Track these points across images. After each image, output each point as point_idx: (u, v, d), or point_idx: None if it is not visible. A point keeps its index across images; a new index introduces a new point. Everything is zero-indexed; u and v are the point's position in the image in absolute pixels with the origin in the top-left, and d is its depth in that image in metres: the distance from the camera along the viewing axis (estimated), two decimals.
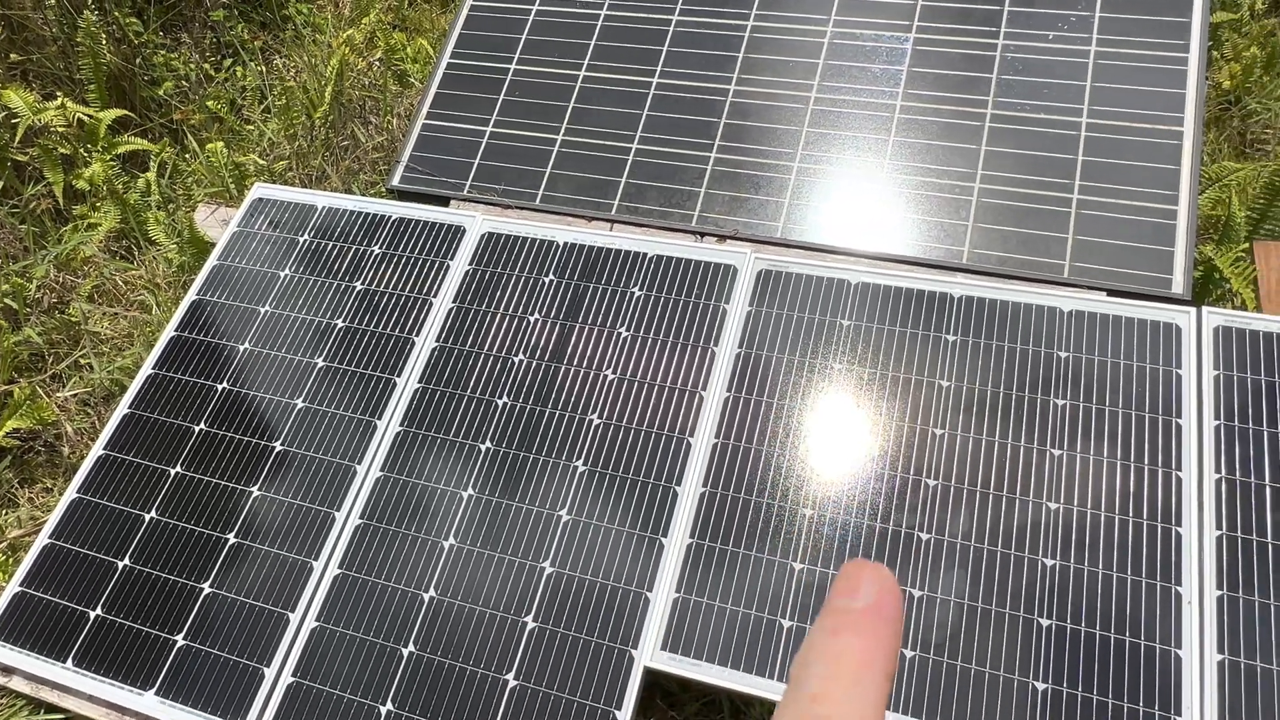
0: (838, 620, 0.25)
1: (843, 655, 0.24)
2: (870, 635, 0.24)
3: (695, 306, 1.85)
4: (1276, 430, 1.52)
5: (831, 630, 0.25)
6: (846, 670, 0.24)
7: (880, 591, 0.26)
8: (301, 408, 1.89)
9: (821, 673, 0.24)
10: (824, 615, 0.26)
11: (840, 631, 0.25)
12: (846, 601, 0.26)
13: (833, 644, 0.25)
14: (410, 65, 2.81)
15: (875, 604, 0.25)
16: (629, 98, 2.16)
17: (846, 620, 0.25)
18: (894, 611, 0.25)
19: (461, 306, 1.95)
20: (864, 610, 0.25)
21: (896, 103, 2.00)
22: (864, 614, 0.25)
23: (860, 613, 0.25)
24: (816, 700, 0.23)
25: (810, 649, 0.25)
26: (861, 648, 0.24)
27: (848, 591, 0.26)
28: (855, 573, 0.26)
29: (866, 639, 0.24)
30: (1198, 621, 1.40)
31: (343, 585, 1.68)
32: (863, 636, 0.24)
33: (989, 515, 1.54)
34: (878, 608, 0.25)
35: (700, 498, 1.65)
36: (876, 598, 0.26)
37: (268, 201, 2.21)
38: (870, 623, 0.25)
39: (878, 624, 0.25)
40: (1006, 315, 1.71)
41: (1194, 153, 1.80)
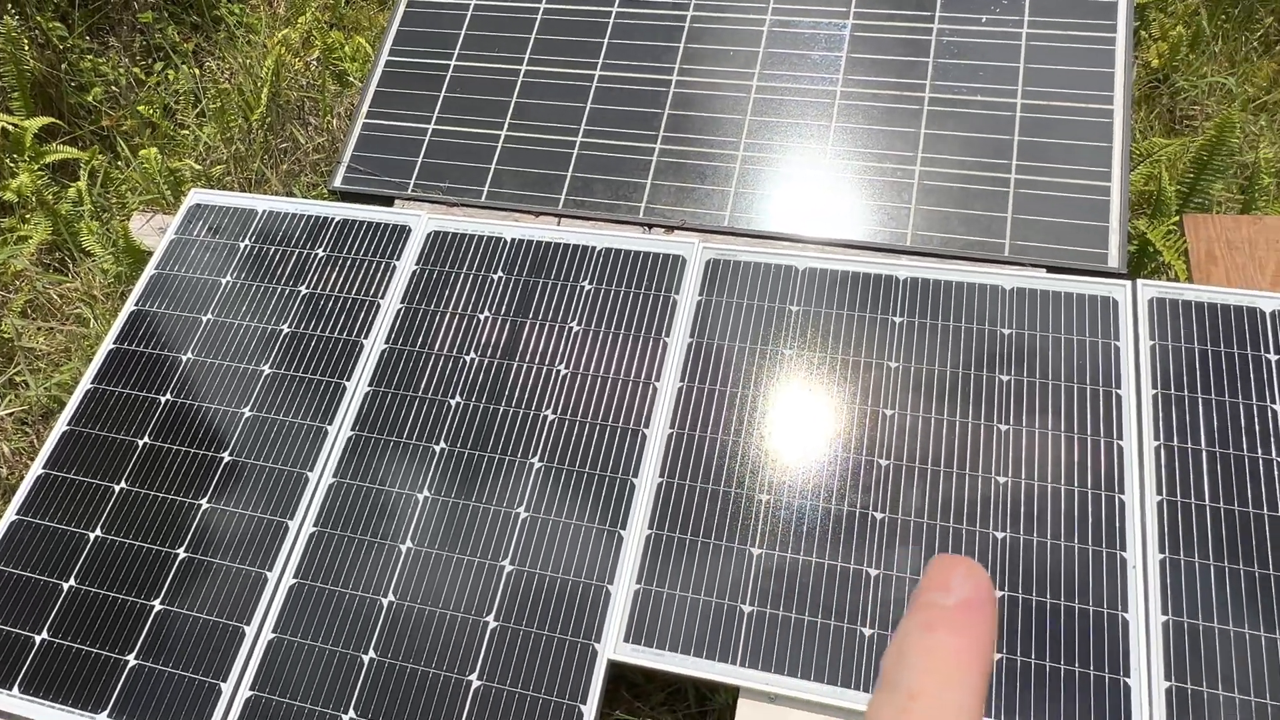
0: (931, 616, 0.25)
1: (939, 652, 0.24)
2: (967, 633, 0.24)
3: (645, 298, 1.85)
4: (1210, 396, 1.56)
5: (925, 626, 0.25)
6: (944, 668, 0.23)
7: (974, 588, 0.25)
8: (249, 416, 1.85)
9: (918, 669, 0.23)
10: (915, 610, 0.26)
11: (935, 628, 0.24)
12: (938, 597, 0.25)
13: (928, 640, 0.24)
14: (349, 64, 2.76)
15: (970, 601, 0.25)
16: (572, 91, 2.15)
17: (940, 616, 0.25)
18: (989, 609, 0.25)
19: (410, 307, 1.93)
20: (958, 607, 0.25)
21: (837, 89, 2.02)
22: (958, 611, 0.25)
23: (954, 609, 0.25)
24: (914, 698, 0.23)
25: (904, 645, 0.25)
26: (958, 645, 0.23)
27: (938, 587, 0.26)
28: (947, 568, 0.26)
29: (963, 637, 0.24)
30: (1142, 585, 1.44)
31: (299, 595, 1.65)
32: (959, 634, 0.24)
33: (940, 492, 1.57)
34: (972, 605, 0.25)
35: (657, 488, 1.65)
36: (971, 594, 0.25)
37: (206, 207, 2.16)
38: (966, 620, 0.25)
39: (974, 621, 0.25)
40: (950, 295, 1.74)
41: (1124, 130, 1.85)
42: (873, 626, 1.48)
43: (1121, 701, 1.37)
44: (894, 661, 0.24)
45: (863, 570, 1.52)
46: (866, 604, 1.50)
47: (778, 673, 1.47)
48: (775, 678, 1.46)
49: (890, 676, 0.24)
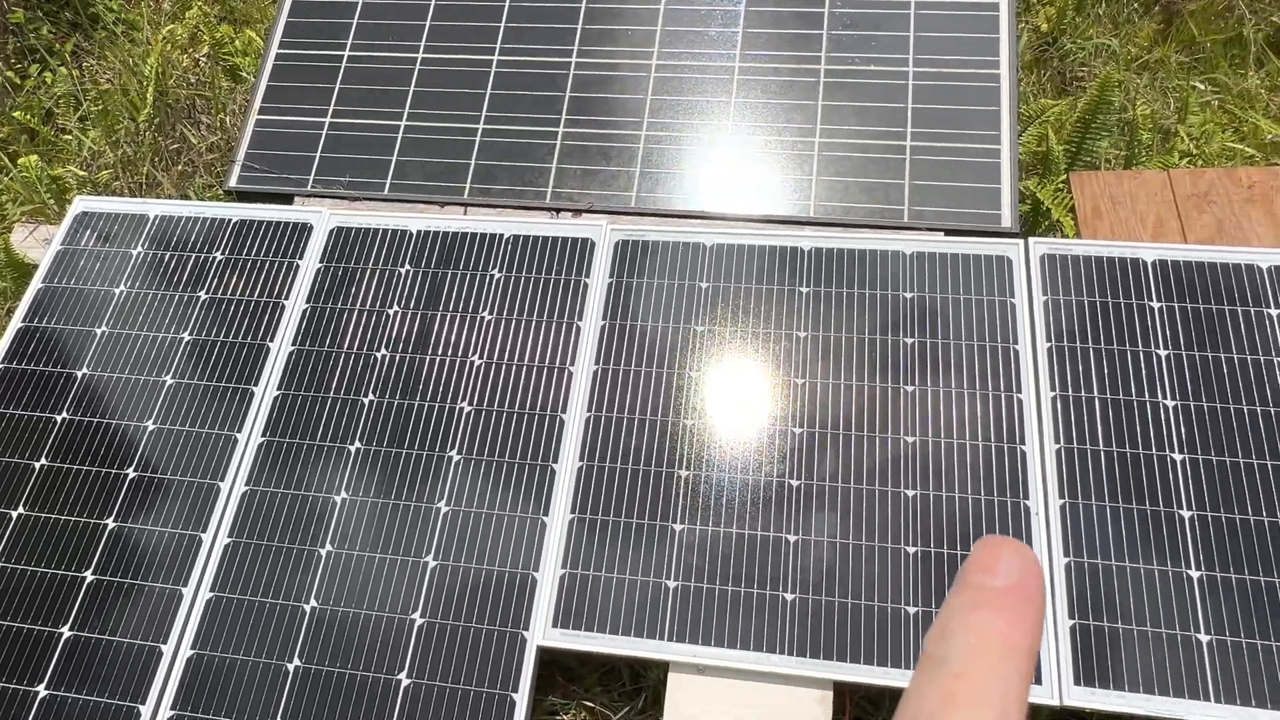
0: (977, 596, 0.24)
1: (986, 633, 0.23)
2: (1014, 614, 0.24)
3: (556, 283, 1.84)
4: (1100, 346, 1.64)
5: (971, 606, 0.24)
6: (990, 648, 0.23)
7: (1022, 570, 0.25)
8: (154, 429, 1.79)
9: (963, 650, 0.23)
10: (960, 590, 0.25)
11: (980, 608, 0.24)
12: (984, 578, 0.25)
13: (973, 620, 0.24)
14: (241, 59, 2.66)
15: (1018, 583, 0.25)
16: (471, 77, 2.12)
17: (986, 597, 0.24)
18: (1038, 592, 0.25)
19: (316, 306, 1.88)
20: (1006, 589, 0.25)
21: (735, 64, 2.03)
22: (1006, 592, 0.24)
23: (1002, 591, 0.25)
24: (959, 678, 0.23)
25: (948, 624, 0.24)
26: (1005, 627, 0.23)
27: (985, 568, 0.25)
28: (994, 548, 0.26)
29: (1010, 618, 0.23)
30: (1045, 530, 1.51)
31: (217, 608, 1.61)
32: (1005, 615, 0.24)
33: (852, 455, 1.61)
34: (1020, 587, 0.25)
35: (578, 472, 1.65)
36: (1019, 577, 0.25)
37: (93, 215, 2.07)
38: (1014, 601, 0.24)
39: (1021, 603, 0.24)
40: (854, 263, 1.77)
41: (1011, 94, 1.91)
42: (794, 591, 1.51)
43: None
44: (937, 639, 0.24)
45: (782, 538, 1.55)
46: (787, 570, 1.53)
47: (705, 644, 1.49)
48: (702, 649, 1.48)
49: (934, 652, 0.24)
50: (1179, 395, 1.57)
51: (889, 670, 1.44)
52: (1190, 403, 1.56)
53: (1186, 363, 1.60)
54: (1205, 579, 1.44)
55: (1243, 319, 1.62)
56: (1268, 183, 1.77)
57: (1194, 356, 1.60)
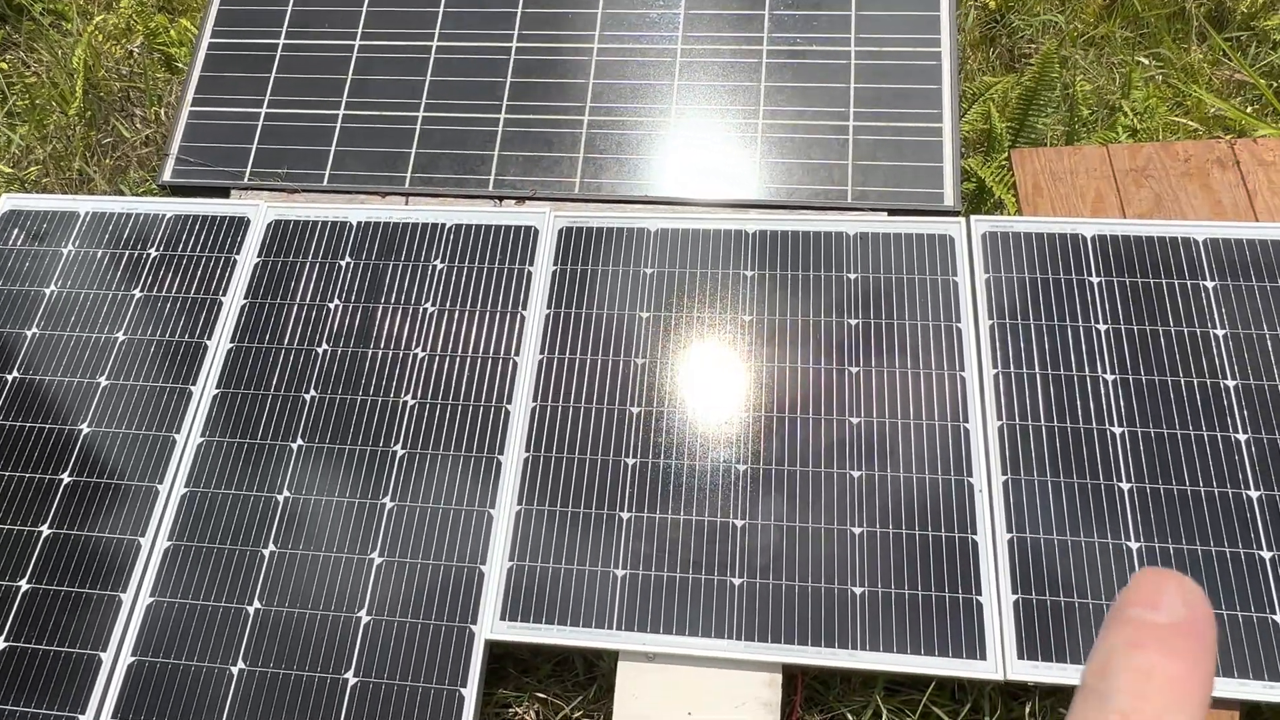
0: (1140, 634, 0.23)
1: (1156, 677, 0.22)
2: (1186, 657, 0.22)
3: (500, 272, 1.82)
4: (1041, 322, 1.64)
5: (1133, 644, 0.22)
6: (1162, 694, 0.21)
7: (1191, 609, 0.23)
8: (89, 432, 1.74)
9: (1129, 690, 0.21)
10: (1119, 624, 0.23)
11: (1144, 646, 0.22)
12: (1146, 613, 0.23)
13: (1138, 659, 0.22)
14: (176, 49, 2.59)
15: (1187, 622, 0.23)
16: (409, 64, 2.08)
17: (1150, 634, 0.23)
18: (1210, 634, 0.23)
19: (254, 302, 1.84)
20: (1172, 626, 0.23)
21: (677, 46, 2.01)
22: (1173, 631, 0.23)
23: (1168, 628, 0.23)
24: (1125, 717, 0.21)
25: (1110, 660, 0.23)
26: (1176, 671, 0.21)
27: (1147, 602, 0.24)
28: (1156, 582, 0.24)
29: (1181, 661, 0.22)
30: (988, 507, 1.52)
31: (158, 613, 1.58)
32: (1175, 658, 0.22)
33: (798, 438, 1.60)
34: (1190, 627, 0.23)
35: (524, 463, 1.64)
36: (1188, 615, 0.23)
37: (21, 213, 2.00)
38: (1184, 643, 0.22)
39: (1194, 646, 0.22)
40: (798, 245, 1.77)
41: (952, 72, 1.90)
42: (741, 576, 1.51)
43: (975, 619, 1.44)
44: (1098, 675, 0.23)
45: (729, 522, 1.55)
46: (734, 555, 1.52)
47: (654, 631, 1.48)
48: (651, 637, 1.48)
49: (1096, 689, 0.22)
50: (1118, 369, 1.59)
51: (837, 651, 1.44)
52: (1129, 376, 1.58)
53: (1125, 337, 1.61)
54: (1144, 550, 1.46)
55: (1179, 292, 1.64)
56: (1203, 156, 1.79)
57: (1132, 330, 1.61)
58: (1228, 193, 1.76)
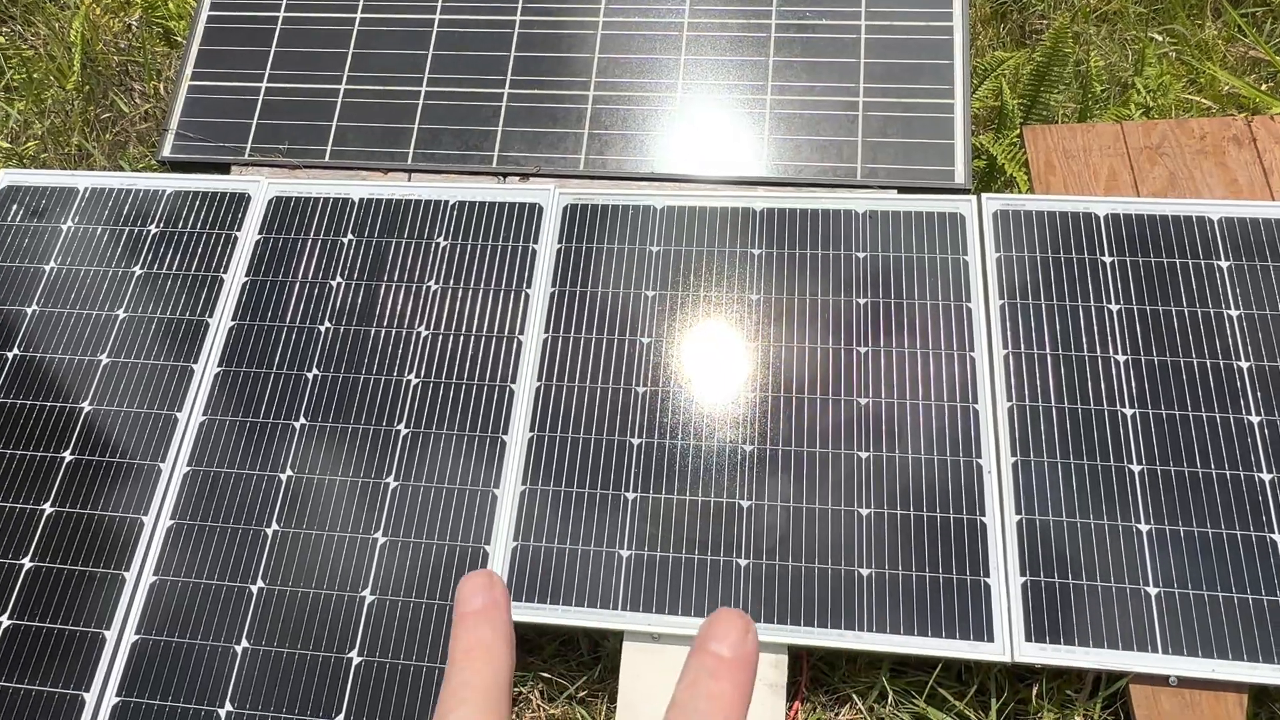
0: (717, 665, 0.30)
1: (723, 699, 0.29)
2: (742, 685, 0.30)
3: (504, 250, 1.79)
4: (1053, 302, 1.62)
5: (713, 674, 0.30)
6: (721, 710, 0.29)
7: (747, 644, 0.31)
8: (90, 411, 1.73)
9: (705, 711, 0.29)
10: (703, 655, 0.31)
11: (719, 677, 0.30)
12: (720, 648, 0.31)
13: (714, 686, 0.30)
14: (175, 22, 2.55)
15: (744, 656, 0.31)
16: (412, 38, 2.04)
17: (723, 666, 0.30)
18: (755, 665, 0.31)
19: (256, 279, 1.82)
20: (735, 661, 0.31)
21: (684, 20, 1.97)
22: (735, 665, 0.30)
23: (732, 663, 0.30)
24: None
25: (697, 684, 0.30)
26: (734, 694, 0.30)
27: (720, 638, 0.31)
28: (727, 621, 0.32)
29: (738, 689, 0.30)
30: (997, 488, 1.50)
31: (162, 591, 1.57)
32: (736, 687, 0.30)
33: (805, 419, 1.59)
34: (745, 661, 0.31)
35: (529, 443, 1.62)
36: (745, 650, 0.31)
37: (20, 189, 1.98)
38: (741, 675, 0.30)
39: (747, 674, 0.31)
40: (806, 223, 1.74)
41: (964, 47, 1.87)
42: (748, 557, 1.50)
43: (983, 601, 1.43)
44: (688, 697, 0.30)
45: (736, 503, 1.54)
46: (741, 536, 1.51)
47: (659, 612, 1.48)
48: (656, 617, 1.47)
49: (685, 704, 0.30)
50: (1130, 350, 1.57)
51: (843, 632, 1.44)
52: (1141, 357, 1.56)
53: (1138, 317, 1.59)
54: (1154, 532, 1.44)
55: (1193, 271, 1.61)
56: (1219, 133, 1.76)
57: (1145, 310, 1.59)
58: (1243, 171, 1.73)
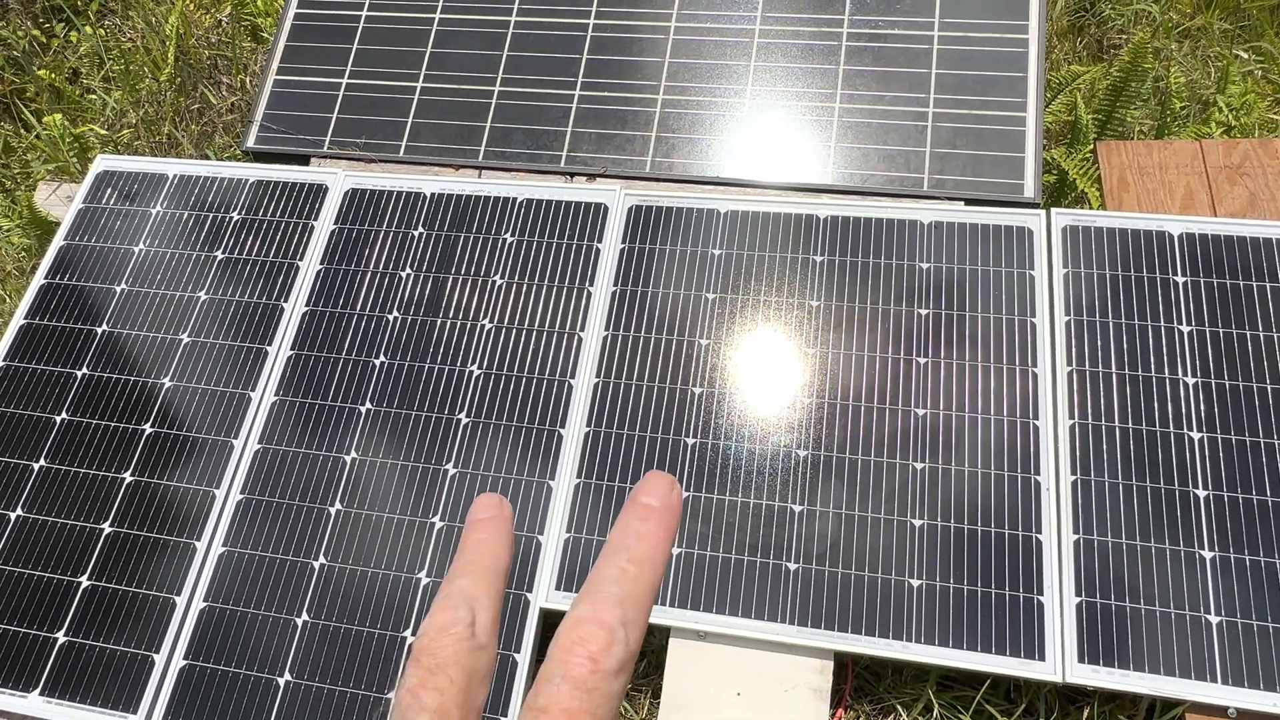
0: (647, 513, 0.35)
1: (651, 538, 0.35)
2: (668, 527, 0.35)
3: (569, 248, 1.83)
4: (1120, 321, 1.60)
5: (641, 518, 0.35)
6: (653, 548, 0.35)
7: (671, 496, 0.36)
8: (170, 386, 1.82)
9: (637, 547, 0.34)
10: (634, 506, 0.36)
11: (648, 520, 0.35)
12: (650, 500, 0.36)
13: (643, 528, 0.35)
14: (262, 19, 2.66)
15: (670, 505, 0.36)
16: (488, 39, 2.10)
17: (652, 514, 0.35)
18: (679, 513, 0.37)
19: (330, 268, 1.89)
20: (662, 509, 0.36)
21: (755, 27, 1.99)
22: (662, 511, 0.36)
23: (660, 510, 0.36)
24: (633, 562, 0.34)
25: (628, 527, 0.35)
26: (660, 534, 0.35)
27: (649, 492, 0.36)
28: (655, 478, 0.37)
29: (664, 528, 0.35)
30: (1055, 506, 1.48)
31: (229, 562, 1.64)
32: (661, 526, 0.35)
33: (862, 426, 1.59)
34: (671, 508, 0.36)
35: (585, 437, 1.66)
36: (670, 501, 0.36)
37: (114, 174, 2.08)
38: (667, 517, 0.36)
39: (672, 520, 0.36)
40: (870, 232, 1.74)
41: (1039, 60, 1.85)
42: (797, 561, 1.50)
43: (1035, 619, 1.42)
44: (620, 537, 0.35)
45: (788, 507, 1.55)
46: (791, 540, 1.52)
47: (706, 611, 1.49)
48: (704, 615, 1.49)
49: (617, 544, 0.35)
50: (1200, 372, 1.53)
51: (891, 642, 1.43)
52: (1212, 380, 1.52)
53: (1210, 339, 1.55)
54: (1218, 560, 1.41)
55: (1270, 295, 1.57)
56: None
57: (1218, 333, 1.55)
58: None
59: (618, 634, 0.32)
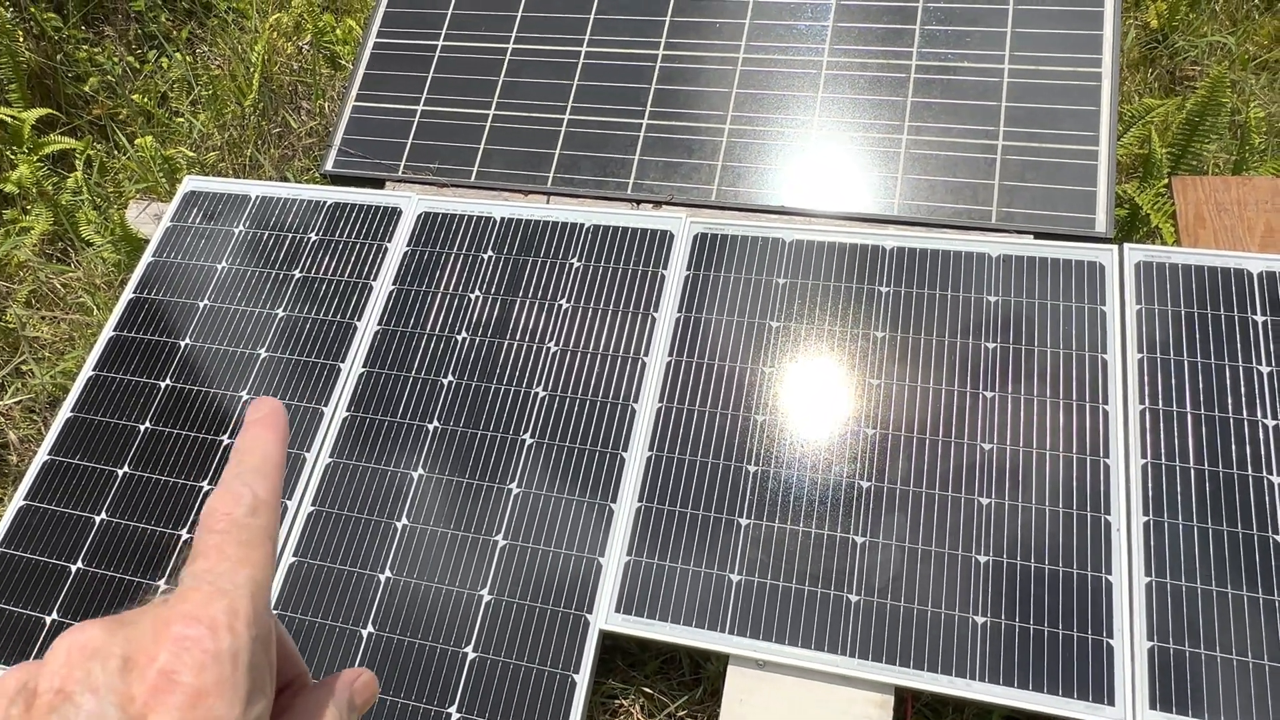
0: (249, 424, 0.43)
1: (247, 434, 0.42)
2: (265, 425, 0.43)
3: (634, 274, 1.86)
4: (1196, 359, 1.57)
5: (244, 428, 0.43)
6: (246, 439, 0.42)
7: (274, 409, 0.44)
8: (247, 399, 1.88)
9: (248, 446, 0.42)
10: (248, 422, 0.43)
11: (249, 427, 0.43)
12: (254, 414, 0.43)
13: (260, 435, 0.42)
14: (340, 47, 2.76)
15: (274, 412, 0.44)
16: (558, 68, 2.15)
17: (253, 423, 0.43)
18: (282, 415, 0.44)
19: (402, 288, 1.95)
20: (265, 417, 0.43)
21: (823, 59, 2.01)
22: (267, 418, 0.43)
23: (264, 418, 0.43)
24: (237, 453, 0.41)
25: (244, 437, 0.43)
26: (257, 431, 0.42)
27: (254, 410, 0.44)
28: (261, 401, 0.45)
29: (263, 427, 0.43)
30: (1126, 547, 1.45)
31: (299, 572, 1.69)
32: (259, 426, 0.43)
33: (926, 459, 1.58)
34: (275, 414, 0.44)
35: (647, 462, 1.67)
36: (273, 410, 0.44)
37: (200, 194, 2.18)
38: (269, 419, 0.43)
39: (272, 419, 0.43)
40: (937, 264, 1.74)
41: (1112, 93, 1.83)
42: (859, 593, 1.50)
43: (1105, 662, 1.39)
44: (239, 444, 0.42)
45: (849, 539, 1.54)
46: (853, 572, 1.52)
47: (765, 640, 1.49)
48: (763, 644, 1.49)
49: (237, 449, 0.42)
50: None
51: (954, 679, 1.42)
52: None
53: None
54: None
55: None
56: None
57: None
58: None
59: (242, 493, 0.39)
